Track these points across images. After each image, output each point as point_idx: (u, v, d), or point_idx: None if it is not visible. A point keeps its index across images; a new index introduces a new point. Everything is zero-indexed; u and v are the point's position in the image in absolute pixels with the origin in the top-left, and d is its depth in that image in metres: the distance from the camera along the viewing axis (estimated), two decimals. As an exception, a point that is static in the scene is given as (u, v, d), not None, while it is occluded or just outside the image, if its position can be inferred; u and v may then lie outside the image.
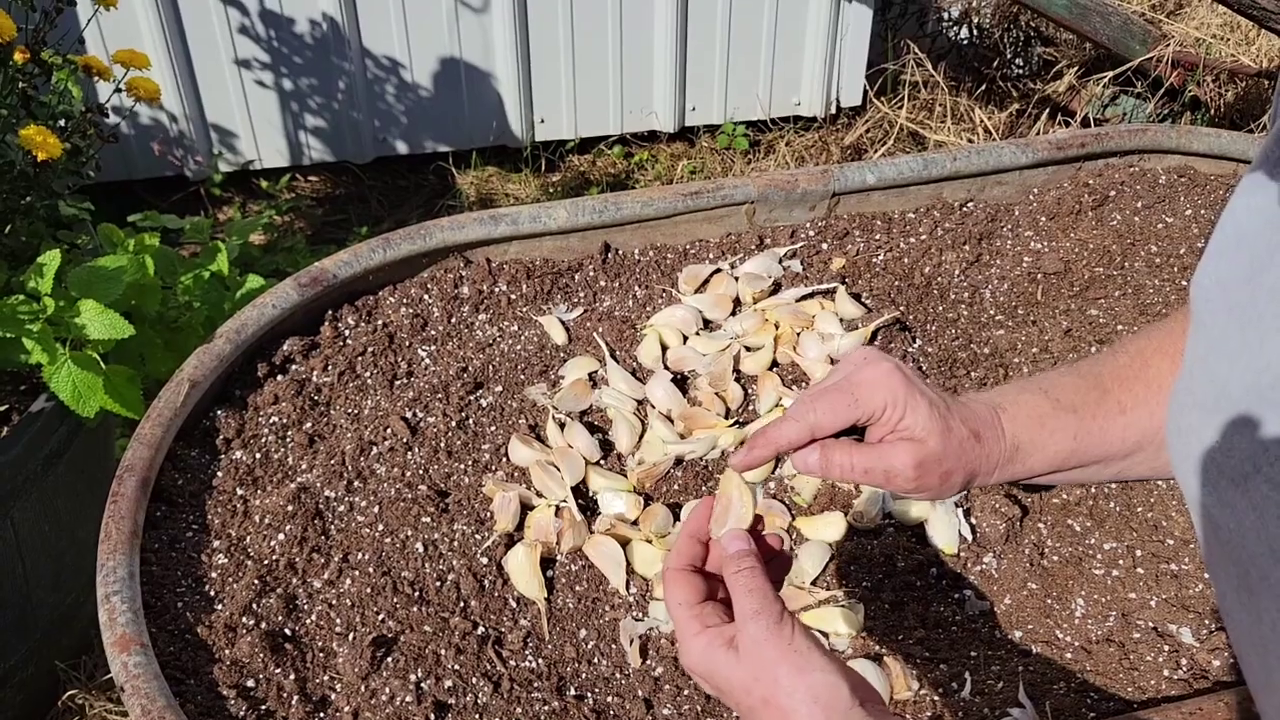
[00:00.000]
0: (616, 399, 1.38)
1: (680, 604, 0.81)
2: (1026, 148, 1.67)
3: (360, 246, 1.48)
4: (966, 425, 0.85)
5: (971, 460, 0.85)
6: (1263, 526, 0.60)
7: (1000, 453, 0.86)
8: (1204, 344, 0.69)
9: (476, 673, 1.09)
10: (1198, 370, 0.69)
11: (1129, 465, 0.88)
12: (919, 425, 0.84)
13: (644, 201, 1.56)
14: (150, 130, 2.79)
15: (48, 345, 1.22)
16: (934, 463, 0.84)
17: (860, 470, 0.85)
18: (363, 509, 1.25)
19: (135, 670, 1.01)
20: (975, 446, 0.85)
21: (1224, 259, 0.67)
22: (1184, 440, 0.70)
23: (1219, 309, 0.67)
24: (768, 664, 0.74)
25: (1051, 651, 1.12)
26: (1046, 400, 0.88)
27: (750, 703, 0.75)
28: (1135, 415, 0.86)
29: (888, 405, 0.84)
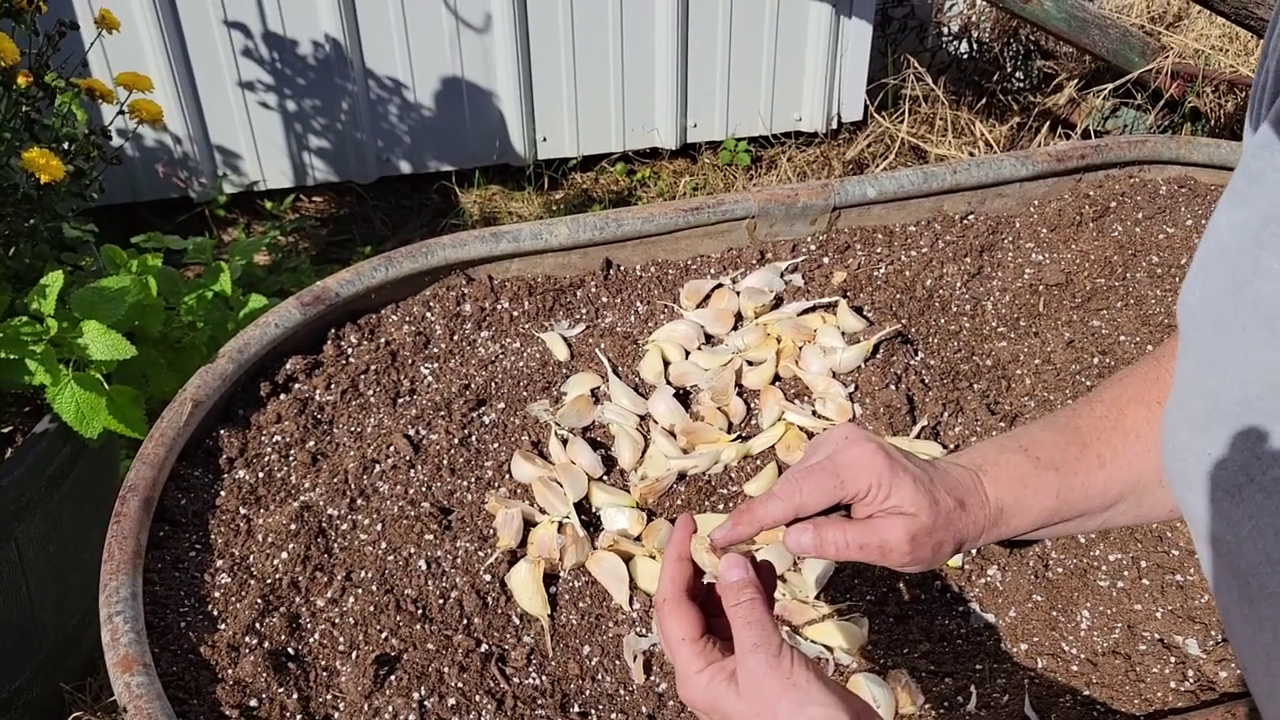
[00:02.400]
0: (619, 414, 1.38)
1: (682, 640, 0.80)
2: (1026, 160, 1.67)
3: (362, 265, 1.48)
4: (951, 495, 0.86)
5: (959, 528, 0.86)
6: (1259, 535, 0.60)
7: (985, 517, 0.87)
8: (1192, 360, 0.69)
9: (480, 690, 1.08)
10: (1187, 387, 0.69)
11: (1112, 516, 0.89)
12: (906, 501, 0.84)
13: (645, 218, 1.57)
14: (155, 152, 2.81)
15: (51, 366, 1.23)
16: (925, 535, 0.85)
17: (855, 547, 0.85)
18: (365, 527, 1.25)
19: (138, 691, 1.01)
20: (961, 515, 0.86)
21: (1208, 274, 0.67)
22: (1178, 457, 0.70)
23: (1205, 324, 0.67)
24: (768, 699, 0.74)
25: (1057, 664, 1.11)
26: (1027, 459, 0.89)
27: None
28: (1115, 468, 0.87)
29: (873, 485, 0.85)
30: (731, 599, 0.80)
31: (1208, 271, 0.67)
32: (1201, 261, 0.68)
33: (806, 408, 1.40)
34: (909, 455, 0.89)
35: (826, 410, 1.38)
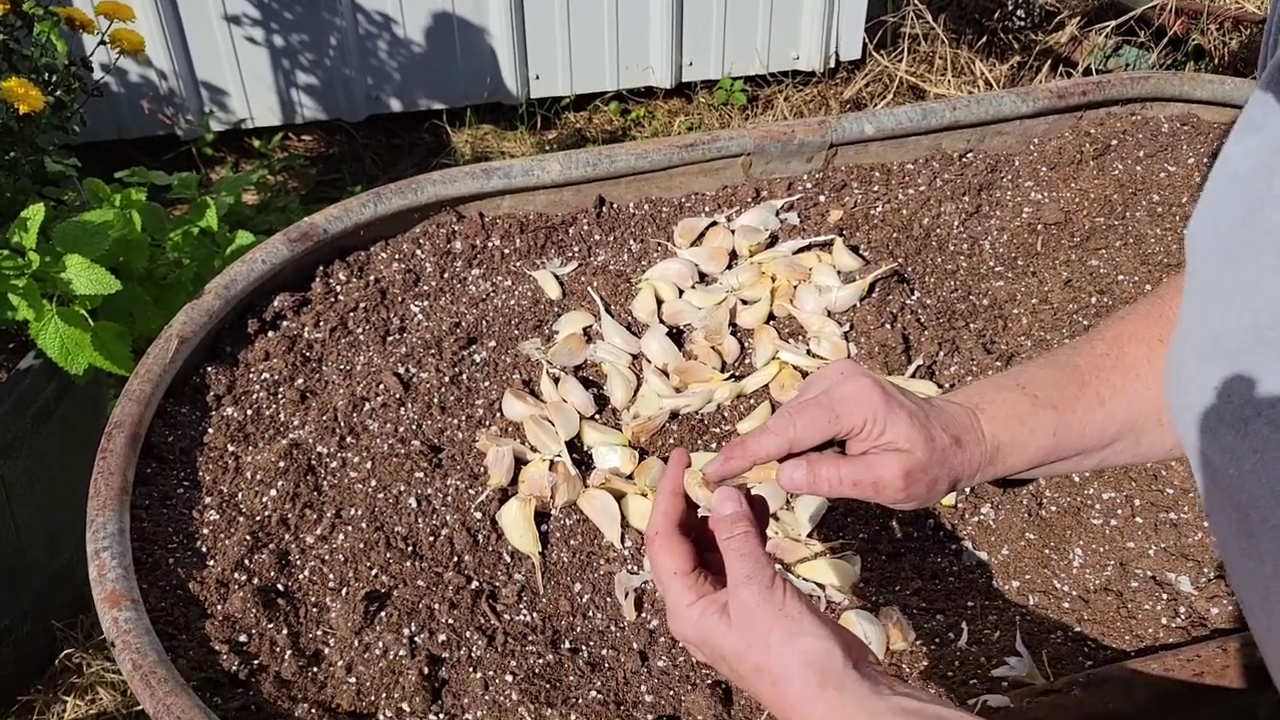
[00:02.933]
0: (611, 353, 1.37)
1: (674, 573, 0.79)
2: (1027, 97, 1.64)
3: (351, 201, 1.46)
4: (948, 432, 0.85)
5: (955, 466, 0.85)
6: (1264, 469, 0.59)
7: (982, 454, 0.86)
8: (1199, 291, 0.67)
9: (470, 627, 1.08)
10: (1194, 319, 0.68)
11: (1109, 454, 0.88)
12: (901, 437, 0.83)
13: (638, 154, 1.54)
14: (140, 88, 2.76)
15: (34, 301, 1.21)
16: (920, 471, 0.83)
17: (849, 483, 0.83)
18: (355, 465, 1.24)
19: (126, 625, 1.01)
20: (957, 452, 0.85)
21: (1218, 203, 0.66)
22: (1183, 390, 0.69)
23: (1213, 254, 0.65)
24: (760, 630, 0.73)
25: (1049, 601, 1.11)
26: (1025, 397, 0.88)
27: (743, 670, 0.74)
28: (1114, 406, 0.86)
29: (868, 420, 0.83)
30: (725, 532, 0.79)
31: (1218, 200, 0.65)
32: (1212, 190, 0.67)
33: (801, 347, 1.38)
34: (905, 392, 0.88)
35: (821, 349, 1.37)
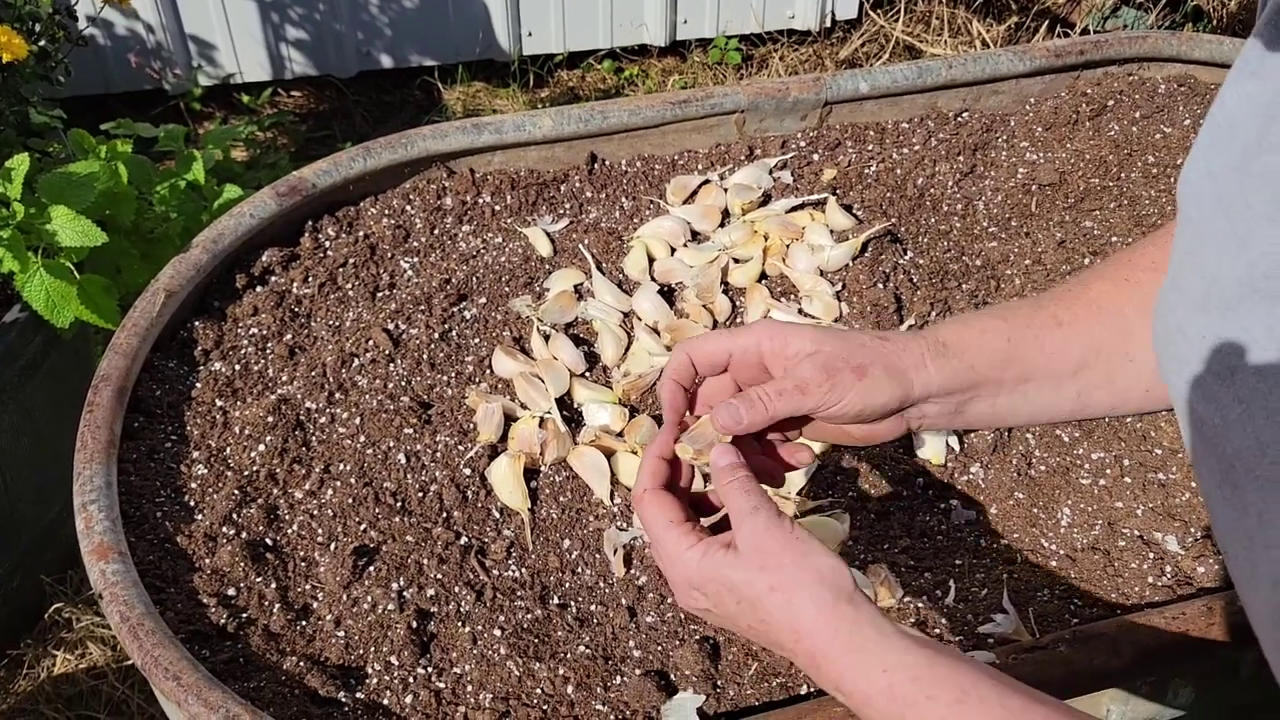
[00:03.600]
0: (602, 311, 1.36)
1: (669, 523, 0.79)
2: (1024, 55, 1.63)
3: (340, 155, 1.44)
4: (866, 333, 0.84)
5: (886, 354, 0.82)
6: (1249, 419, 0.59)
7: (922, 346, 0.83)
8: (1190, 238, 0.67)
9: (459, 582, 1.08)
10: (1185, 266, 0.67)
11: (1083, 388, 0.85)
12: (807, 342, 0.82)
13: (631, 110, 1.53)
14: (127, 41, 2.72)
15: (19, 253, 1.20)
16: (838, 360, 0.81)
17: (775, 395, 0.82)
18: (344, 420, 1.23)
19: (113, 578, 1.01)
20: (882, 344, 0.83)
21: (1213, 149, 0.65)
22: (1171, 341, 0.68)
23: (1206, 200, 0.65)
24: (771, 554, 0.74)
25: (1037, 559, 1.12)
26: (971, 312, 0.86)
27: (754, 593, 0.73)
28: (1073, 330, 0.84)
29: (760, 341, 0.83)
30: (725, 478, 0.79)
31: (1213, 146, 0.64)
32: (1206, 136, 0.66)
33: (793, 306, 1.38)
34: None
35: (813, 308, 1.36)
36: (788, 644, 0.73)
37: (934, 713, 0.66)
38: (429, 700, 0.99)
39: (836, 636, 0.71)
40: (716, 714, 0.98)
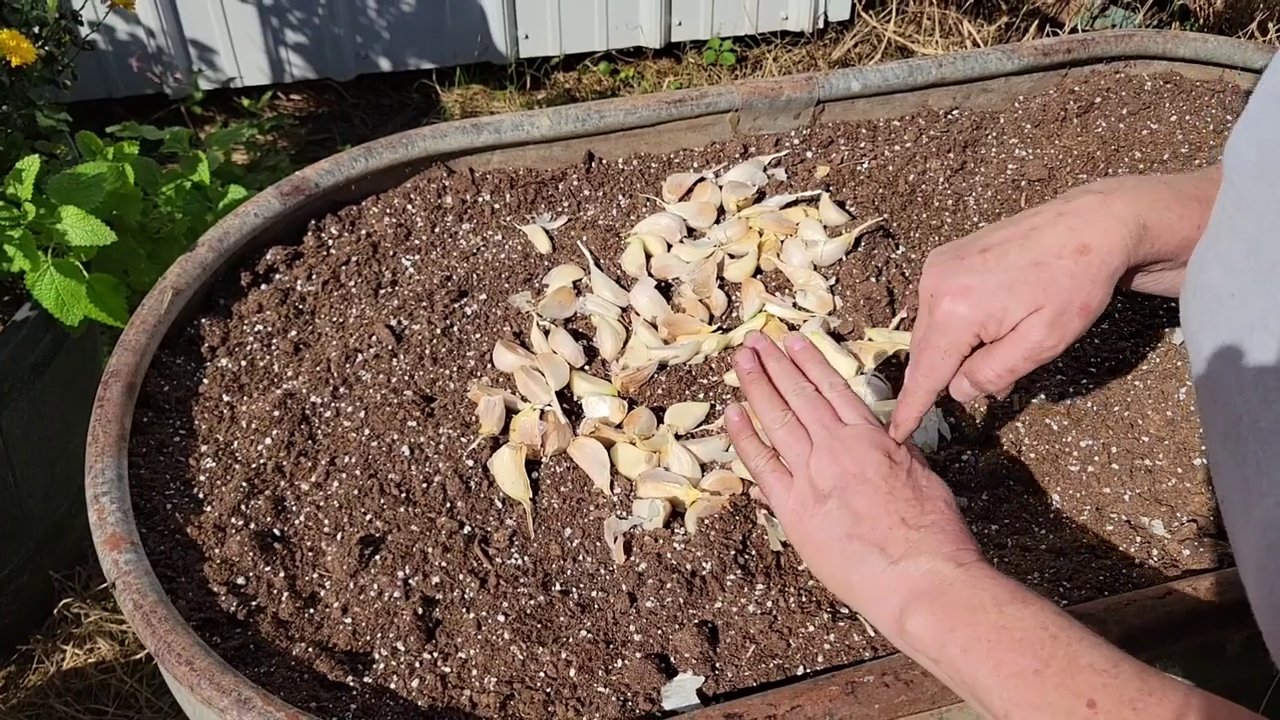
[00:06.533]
0: (601, 306, 1.39)
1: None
2: (1013, 54, 1.66)
3: (342, 155, 1.47)
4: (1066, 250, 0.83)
5: (1095, 269, 0.83)
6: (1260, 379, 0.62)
7: (1124, 236, 0.83)
8: (1233, 203, 0.69)
9: (463, 570, 1.11)
10: (1224, 229, 0.70)
11: None
12: (1023, 307, 0.83)
13: (627, 109, 1.55)
14: (128, 46, 2.75)
15: (30, 252, 1.22)
16: (1060, 311, 0.83)
17: (1004, 372, 0.86)
18: (349, 414, 1.26)
19: (126, 567, 1.03)
20: (1086, 261, 0.83)
21: (1260, 121, 0.67)
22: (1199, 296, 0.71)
23: (1250, 168, 0.67)
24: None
25: (1027, 543, 1.14)
26: (1168, 189, 0.85)
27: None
28: None
29: (979, 333, 0.86)
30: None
31: (1260, 117, 0.67)
32: (1257, 104, 0.68)
33: (787, 299, 1.41)
34: (1001, 251, 0.86)
35: (807, 302, 1.39)
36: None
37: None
38: (435, 684, 1.02)
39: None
40: (715, 694, 1.00)
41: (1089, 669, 0.69)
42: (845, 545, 0.85)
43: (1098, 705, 0.67)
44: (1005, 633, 0.74)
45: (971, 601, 0.77)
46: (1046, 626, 0.73)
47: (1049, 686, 0.70)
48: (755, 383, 0.98)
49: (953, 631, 0.76)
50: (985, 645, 0.74)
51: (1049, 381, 1.30)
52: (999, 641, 0.73)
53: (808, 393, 0.96)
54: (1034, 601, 0.76)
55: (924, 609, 0.78)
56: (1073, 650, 0.71)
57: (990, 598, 0.76)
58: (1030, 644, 0.72)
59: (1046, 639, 0.72)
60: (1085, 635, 0.73)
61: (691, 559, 1.11)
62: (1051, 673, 0.70)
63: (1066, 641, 0.72)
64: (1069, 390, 1.29)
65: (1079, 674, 0.69)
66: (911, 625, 0.79)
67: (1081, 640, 0.72)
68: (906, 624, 0.79)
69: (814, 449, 0.91)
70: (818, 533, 0.88)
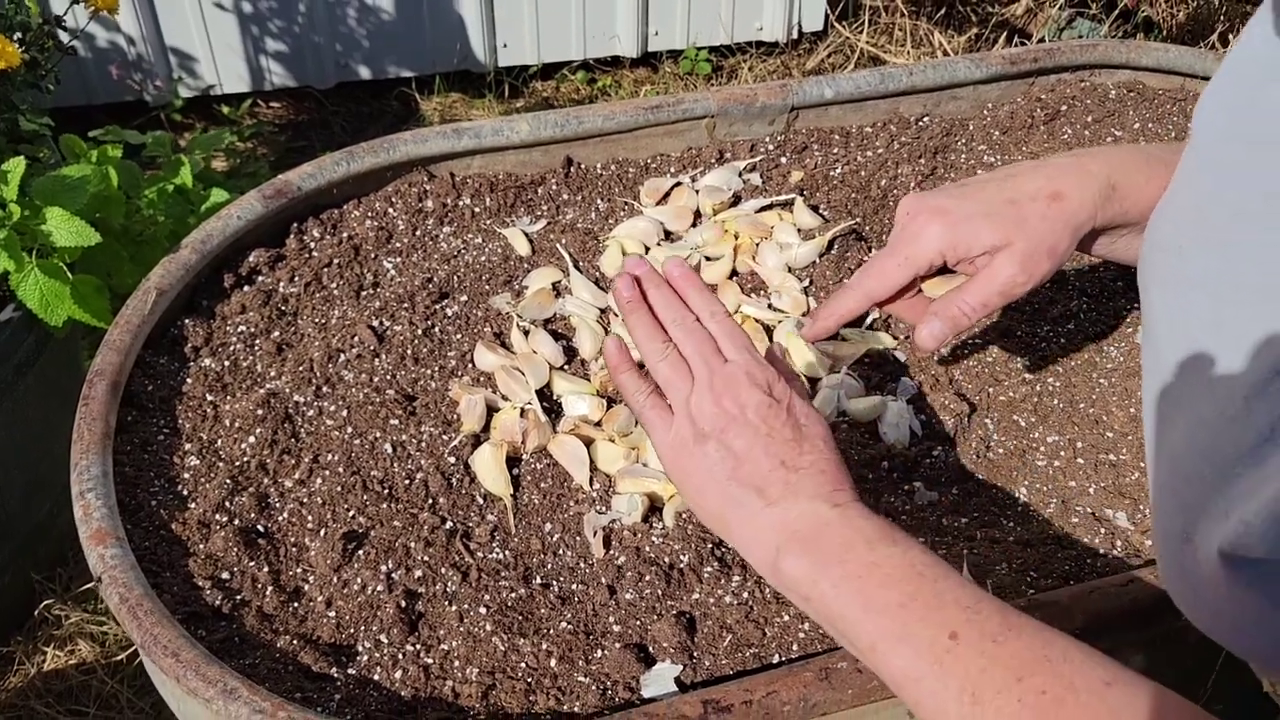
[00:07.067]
0: (580, 307, 1.41)
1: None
2: (981, 63, 1.70)
3: (324, 159, 1.49)
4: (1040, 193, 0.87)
5: (1066, 215, 0.87)
6: (1188, 324, 0.65)
7: (1095, 191, 0.87)
8: (1194, 162, 0.72)
9: (445, 564, 1.13)
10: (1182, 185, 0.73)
11: None
12: (994, 236, 0.86)
13: (606, 115, 1.58)
14: (108, 54, 2.75)
15: (14, 253, 1.24)
16: (1032, 252, 0.86)
17: (979, 306, 0.88)
18: (331, 413, 1.28)
19: (112, 561, 1.04)
20: (1060, 206, 0.86)
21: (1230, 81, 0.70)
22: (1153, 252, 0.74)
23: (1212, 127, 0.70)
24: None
25: (995, 535, 1.17)
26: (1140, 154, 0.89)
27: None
28: None
29: (945, 250, 0.87)
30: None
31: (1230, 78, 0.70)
32: (1225, 67, 0.71)
33: (763, 301, 1.44)
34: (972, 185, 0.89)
35: (782, 303, 1.42)
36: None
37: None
38: (418, 675, 1.04)
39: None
40: (694, 682, 1.02)
41: (953, 604, 0.73)
42: (724, 487, 0.87)
43: (960, 637, 0.71)
44: (875, 569, 0.77)
45: (844, 541, 0.80)
46: (914, 564, 0.76)
47: (913, 619, 0.73)
48: (635, 312, 0.96)
49: (825, 569, 0.79)
50: (855, 581, 0.77)
51: (1017, 380, 1.33)
52: (868, 578, 0.77)
53: (689, 324, 0.94)
54: (903, 541, 0.80)
55: (798, 549, 0.81)
56: (938, 587, 0.74)
57: (862, 537, 0.80)
58: (897, 580, 0.76)
59: (913, 575, 0.75)
60: (951, 574, 0.76)
61: (669, 552, 1.13)
62: (916, 606, 0.74)
63: (933, 579, 0.75)
64: (1036, 389, 1.33)
65: (944, 609, 0.73)
66: (785, 565, 0.81)
67: (947, 578, 0.76)
68: (781, 564, 0.82)
69: (695, 387, 0.90)
70: (697, 474, 0.89)
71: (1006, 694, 0.68)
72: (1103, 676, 0.68)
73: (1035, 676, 0.69)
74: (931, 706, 0.72)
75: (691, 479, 0.91)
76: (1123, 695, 0.67)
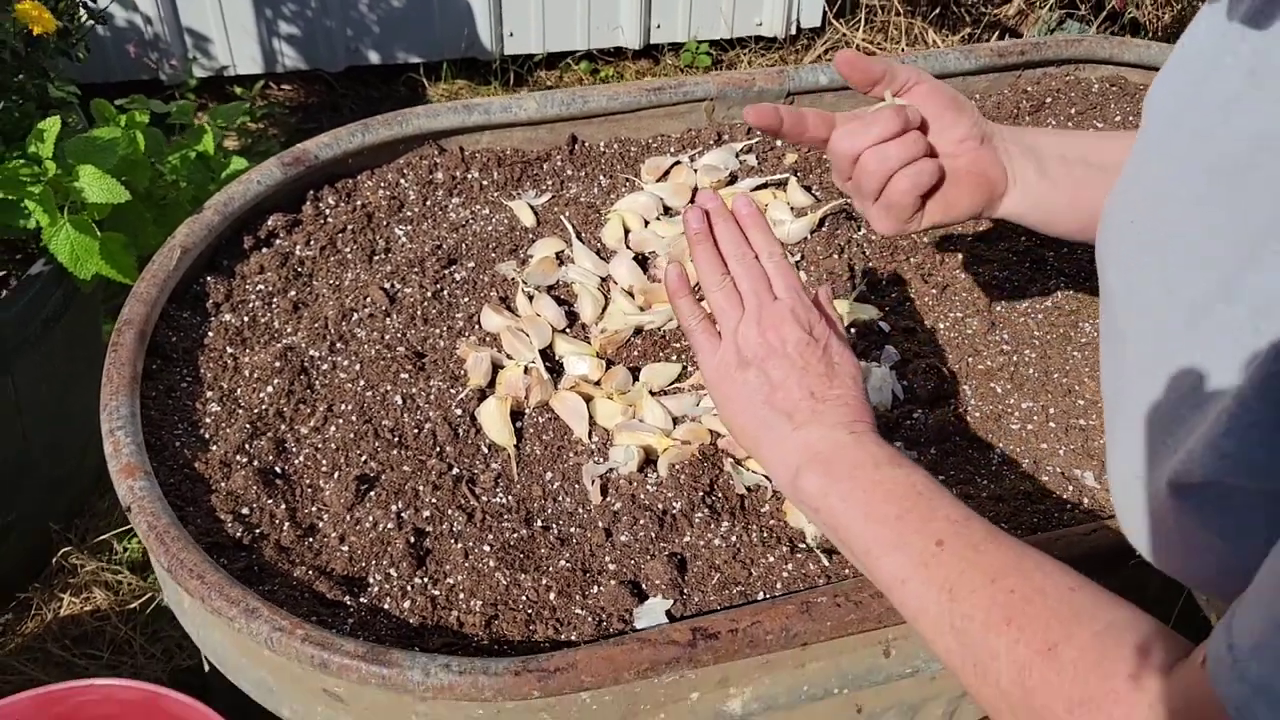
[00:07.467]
0: (582, 275, 1.49)
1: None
2: (970, 54, 1.77)
3: (340, 130, 1.56)
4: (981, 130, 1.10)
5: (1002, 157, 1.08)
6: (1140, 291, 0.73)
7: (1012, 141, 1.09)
8: (1143, 145, 0.80)
9: (452, 505, 1.20)
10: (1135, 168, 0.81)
11: None
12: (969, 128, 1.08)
13: (609, 95, 1.66)
14: (126, 33, 2.83)
15: (49, 207, 1.30)
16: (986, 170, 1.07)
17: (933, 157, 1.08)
18: (345, 367, 1.35)
19: (140, 493, 1.12)
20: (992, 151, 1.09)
21: (1177, 70, 0.78)
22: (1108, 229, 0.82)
23: (1161, 113, 0.78)
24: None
25: (970, 492, 1.25)
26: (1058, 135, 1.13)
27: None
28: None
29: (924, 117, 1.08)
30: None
31: (1177, 67, 0.78)
32: (1174, 60, 0.79)
33: (756, 273, 1.51)
34: None
35: (774, 275, 1.49)
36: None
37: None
38: (425, 604, 1.11)
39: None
40: (683, 615, 1.10)
41: (944, 519, 0.81)
42: (759, 410, 0.96)
43: (945, 545, 0.79)
44: (878, 486, 0.86)
45: (855, 461, 0.89)
46: (915, 485, 0.85)
47: (906, 530, 0.82)
48: (701, 243, 1.06)
49: (835, 484, 0.88)
50: (860, 495, 0.86)
51: (995, 352, 1.41)
52: (872, 493, 0.86)
53: (748, 260, 1.04)
54: (908, 465, 0.89)
55: (815, 467, 0.91)
56: (933, 503, 0.83)
57: (871, 460, 0.89)
58: (897, 496, 0.85)
59: (912, 493, 0.84)
60: (946, 495, 0.85)
61: (663, 499, 1.21)
62: (911, 519, 0.82)
63: (929, 497, 0.84)
64: (1013, 360, 1.40)
65: (934, 521, 0.81)
66: (803, 480, 0.91)
67: (942, 497, 0.84)
68: (799, 480, 0.91)
69: (744, 317, 1.00)
70: (736, 396, 0.99)
71: (980, 592, 0.76)
72: (1069, 583, 0.76)
73: (1008, 579, 0.76)
74: (914, 605, 0.80)
75: (731, 401, 1.00)
76: (1085, 599, 0.74)
